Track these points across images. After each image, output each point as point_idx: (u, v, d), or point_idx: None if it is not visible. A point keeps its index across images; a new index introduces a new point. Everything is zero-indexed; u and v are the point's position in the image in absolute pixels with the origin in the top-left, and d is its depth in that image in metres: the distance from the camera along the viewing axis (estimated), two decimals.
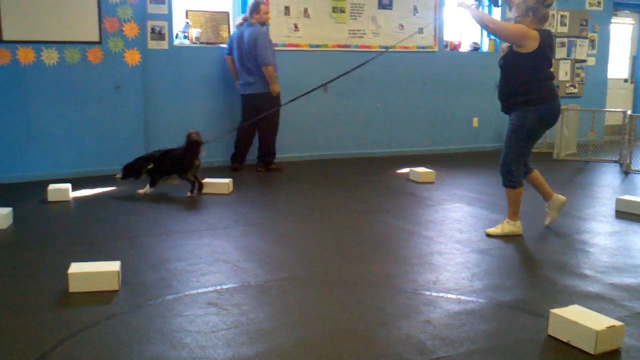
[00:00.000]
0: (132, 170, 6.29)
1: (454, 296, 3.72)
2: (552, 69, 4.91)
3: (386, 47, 6.04)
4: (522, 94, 4.76)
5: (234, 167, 7.65)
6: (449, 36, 9.37)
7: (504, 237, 4.90)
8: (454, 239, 4.90)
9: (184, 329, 3.22)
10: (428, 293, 3.77)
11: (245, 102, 7.43)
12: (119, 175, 6.28)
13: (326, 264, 4.34)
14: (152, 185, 6.23)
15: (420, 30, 6.86)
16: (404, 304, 3.62)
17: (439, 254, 4.53)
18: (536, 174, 5.14)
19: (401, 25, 8.64)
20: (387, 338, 3.16)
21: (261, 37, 7.15)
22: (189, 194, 6.22)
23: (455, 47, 9.41)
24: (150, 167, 6.23)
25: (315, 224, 5.34)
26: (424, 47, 8.88)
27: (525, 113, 4.76)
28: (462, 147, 9.39)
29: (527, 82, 4.75)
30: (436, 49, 9.02)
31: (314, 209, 5.87)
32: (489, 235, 4.95)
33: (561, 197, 5.21)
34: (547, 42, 4.74)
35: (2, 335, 3.13)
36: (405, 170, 7.55)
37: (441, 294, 3.75)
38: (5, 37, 6.61)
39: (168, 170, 6.26)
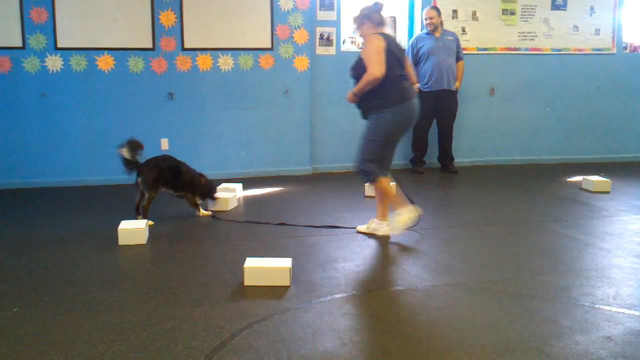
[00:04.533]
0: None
1: (637, 312, 3.47)
2: (407, 70, 4.88)
3: (559, 50, 5.56)
4: (376, 97, 4.72)
5: (420, 171, 7.69)
6: (629, 37, 8.76)
7: None
8: (634, 253, 4.57)
9: (354, 328, 3.27)
10: (607, 308, 3.54)
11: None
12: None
13: (495, 272, 4.21)
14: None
15: None
16: (581, 318, 3.42)
17: (618, 268, 4.25)
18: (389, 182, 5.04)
19: (576, 27, 8.21)
20: (564, 352, 3.01)
21: None
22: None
23: (635, 49, 8.78)
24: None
25: (481, 230, 5.19)
26: (600, 50, 8.38)
27: (379, 116, 4.75)
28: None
29: (379, 86, 4.66)
30: (614, 50, 8.47)
31: (479, 215, 5.72)
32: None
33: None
34: (392, 42, 4.75)
35: (187, 322, 3.34)
36: (578, 178, 7.16)
37: (622, 310, 3.51)
38: (187, 45, 7.09)
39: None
